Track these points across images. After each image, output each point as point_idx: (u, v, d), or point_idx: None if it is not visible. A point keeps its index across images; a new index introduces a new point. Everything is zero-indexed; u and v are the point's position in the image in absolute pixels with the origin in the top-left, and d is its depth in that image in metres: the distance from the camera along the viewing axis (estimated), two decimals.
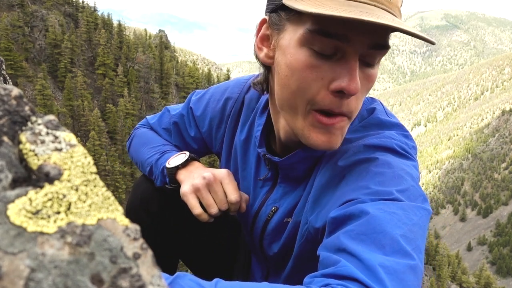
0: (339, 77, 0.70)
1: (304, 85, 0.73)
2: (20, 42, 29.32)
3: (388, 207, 0.67)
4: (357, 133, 0.86)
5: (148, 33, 58.55)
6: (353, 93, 0.70)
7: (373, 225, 0.64)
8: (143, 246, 0.29)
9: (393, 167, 0.75)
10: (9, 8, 30.36)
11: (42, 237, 0.26)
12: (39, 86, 25.90)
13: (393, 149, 0.80)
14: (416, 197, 0.72)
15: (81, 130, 27.68)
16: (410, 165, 0.79)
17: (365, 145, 0.81)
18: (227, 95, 1.10)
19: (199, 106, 1.14)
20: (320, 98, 0.72)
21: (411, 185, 0.73)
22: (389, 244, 0.62)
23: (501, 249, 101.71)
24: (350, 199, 0.72)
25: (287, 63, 0.75)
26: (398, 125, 0.89)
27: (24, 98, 0.32)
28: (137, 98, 33.01)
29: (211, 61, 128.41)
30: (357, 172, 0.77)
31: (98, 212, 0.29)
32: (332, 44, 0.69)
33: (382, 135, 0.83)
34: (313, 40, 0.70)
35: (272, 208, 0.97)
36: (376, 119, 0.89)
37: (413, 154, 0.84)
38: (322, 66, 0.71)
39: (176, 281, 0.49)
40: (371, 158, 0.78)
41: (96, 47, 33.49)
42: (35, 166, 0.29)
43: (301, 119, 0.76)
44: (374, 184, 0.72)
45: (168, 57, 42.18)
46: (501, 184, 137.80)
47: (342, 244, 0.64)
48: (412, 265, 0.61)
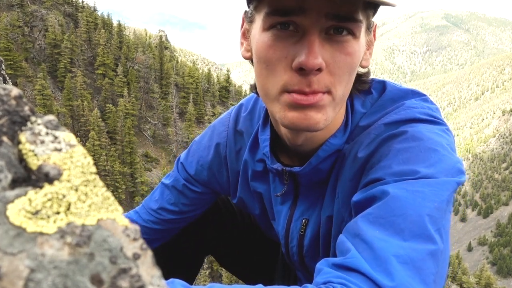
0: (298, 53, 0.68)
1: (271, 67, 0.71)
2: (20, 42, 29.30)
3: (412, 186, 0.64)
4: (374, 115, 0.82)
5: (148, 33, 58.57)
6: (312, 68, 0.66)
7: (392, 208, 0.61)
8: (143, 246, 0.29)
9: (420, 139, 0.71)
10: (9, 8, 30.35)
11: (42, 237, 0.26)
12: (38, 86, 25.89)
13: (417, 119, 0.75)
14: (448, 170, 0.67)
15: (80, 130, 27.67)
16: (439, 131, 0.74)
17: (385, 124, 0.77)
18: (216, 141, 1.07)
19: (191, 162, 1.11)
20: (288, 79, 0.70)
21: (442, 156, 0.68)
22: (408, 228, 0.59)
23: (501, 249, 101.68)
24: (372, 180, 0.69)
25: (255, 50, 0.74)
26: (414, 91, 0.84)
27: (24, 98, 0.32)
28: (137, 98, 32.99)
29: (211, 61, 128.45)
30: (380, 153, 0.73)
31: (98, 213, 0.29)
32: (290, 21, 0.68)
33: (402, 108, 0.78)
34: (272, 22, 0.69)
35: (302, 221, 0.92)
36: (390, 93, 0.84)
37: (440, 116, 0.78)
38: (284, 46, 0.69)
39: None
40: (394, 134, 0.73)
41: (96, 47, 33.47)
42: (35, 166, 0.29)
43: (276, 103, 0.73)
44: (398, 163, 0.68)
45: (168, 57, 42.18)
46: (502, 184, 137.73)
47: (359, 228, 0.62)
48: (432, 250, 0.58)
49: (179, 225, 1.17)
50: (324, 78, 0.70)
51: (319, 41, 0.68)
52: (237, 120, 1.04)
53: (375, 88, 0.85)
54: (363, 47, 0.74)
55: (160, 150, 32.61)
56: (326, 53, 0.69)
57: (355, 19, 0.68)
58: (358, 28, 0.70)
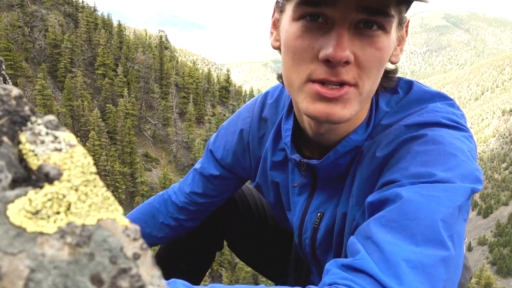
0: (326, 45, 0.67)
1: (297, 57, 0.71)
2: (20, 42, 29.30)
3: (427, 190, 0.63)
4: (397, 114, 0.80)
5: (148, 33, 58.56)
6: (339, 60, 0.65)
7: (405, 211, 0.61)
8: (143, 246, 0.28)
9: (440, 143, 0.69)
10: (9, 8, 30.34)
11: (42, 237, 0.26)
12: (38, 86, 25.88)
13: (440, 123, 0.73)
14: (466, 176, 0.66)
15: (81, 130, 27.66)
16: (461, 137, 0.72)
17: (406, 125, 0.75)
18: (240, 126, 1.09)
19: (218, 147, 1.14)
20: (314, 69, 0.70)
21: (461, 161, 0.67)
22: (421, 232, 0.58)
23: (501, 249, 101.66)
24: (388, 181, 0.69)
25: (283, 40, 0.74)
26: (440, 94, 0.82)
27: (24, 98, 0.32)
28: (137, 98, 32.99)
29: (211, 61, 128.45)
30: (399, 155, 0.72)
31: (98, 213, 0.29)
32: (320, 13, 0.67)
33: (425, 110, 0.76)
34: (302, 12, 0.69)
35: (318, 214, 0.91)
36: (415, 93, 0.82)
37: (464, 122, 0.77)
38: (313, 36, 0.69)
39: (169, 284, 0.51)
40: (414, 136, 0.72)
41: (96, 47, 33.46)
42: (35, 166, 0.29)
43: (301, 93, 0.73)
44: (416, 165, 0.67)
45: (168, 57, 42.17)
46: (502, 184, 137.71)
47: (370, 231, 0.62)
48: (444, 256, 0.57)
49: (209, 208, 1.21)
50: (352, 71, 0.69)
51: (348, 35, 0.67)
52: (263, 107, 1.05)
53: (402, 87, 0.84)
54: (393, 43, 0.73)
55: (160, 150, 32.60)
56: (355, 47, 0.68)
57: (387, 13, 0.67)
58: (389, 23, 0.68)
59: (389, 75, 0.82)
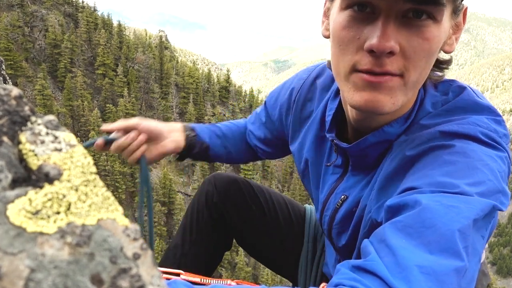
0: (371, 35, 0.67)
1: (343, 46, 0.71)
2: (20, 42, 29.30)
3: (447, 200, 0.61)
4: (438, 118, 0.78)
5: (148, 33, 58.57)
6: (383, 50, 0.65)
7: (423, 218, 0.59)
8: (143, 246, 0.29)
9: (470, 157, 0.67)
10: (9, 8, 30.34)
11: (42, 237, 0.26)
12: (38, 86, 25.89)
13: (476, 138, 0.71)
14: (491, 193, 0.64)
15: (81, 130, 27.65)
16: (494, 155, 0.69)
17: (441, 132, 0.73)
18: (293, 85, 1.12)
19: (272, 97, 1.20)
20: (359, 59, 0.69)
21: (488, 179, 0.65)
22: (436, 241, 0.57)
23: (501, 249, 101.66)
24: (410, 187, 0.67)
25: (331, 29, 0.74)
26: (490, 108, 0.78)
27: (24, 98, 0.32)
28: (137, 98, 32.99)
29: (211, 61, 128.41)
30: (426, 160, 0.70)
31: (98, 212, 0.29)
32: (367, 2, 0.66)
33: (466, 121, 0.74)
34: (350, 2, 0.68)
35: (342, 196, 0.92)
36: (463, 101, 0.79)
37: (504, 143, 0.74)
38: (359, 27, 0.69)
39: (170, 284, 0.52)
40: (446, 145, 0.70)
41: (96, 47, 33.46)
42: (35, 166, 0.29)
43: (346, 83, 0.73)
44: (441, 174, 0.65)
45: (168, 57, 42.16)
46: None
47: (385, 234, 0.61)
48: (458, 267, 0.56)
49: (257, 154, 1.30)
50: (397, 61, 0.68)
51: (394, 24, 0.66)
52: (320, 74, 1.06)
53: (453, 91, 0.82)
54: (445, 32, 0.71)
55: None
56: (401, 37, 0.66)
57: (437, 1, 0.65)
58: (440, 12, 0.66)
59: (442, 65, 0.81)
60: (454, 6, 0.70)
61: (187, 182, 31.72)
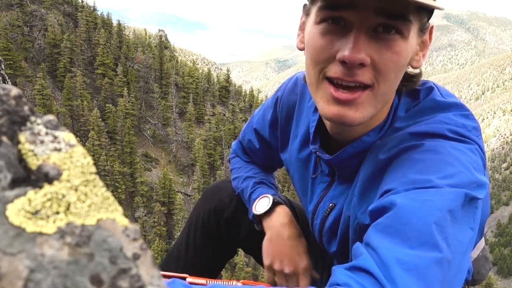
0: (343, 47, 0.70)
1: (316, 55, 0.74)
2: (19, 42, 29.23)
3: (421, 195, 0.64)
4: (409, 120, 0.83)
5: (148, 33, 58.56)
6: (354, 62, 0.68)
7: (399, 217, 0.63)
8: (143, 246, 0.28)
9: (439, 153, 0.71)
10: (8, 7, 30.27)
11: (41, 237, 0.26)
12: (38, 86, 25.82)
13: (444, 135, 0.74)
14: (464, 184, 0.66)
15: (80, 130, 27.60)
16: (464, 149, 0.73)
17: (411, 133, 0.77)
18: (277, 94, 1.15)
19: (258, 122, 1.24)
20: (331, 67, 0.73)
21: (459, 171, 0.68)
22: (415, 236, 0.61)
23: (502, 249, 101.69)
24: (387, 190, 0.70)
25: (306, 41, 0.78)
26: (457, 104, 0.82)
27: (23, 97, 0.32)
28: (137, 98, 32.93)
29: (211, 61, 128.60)
30: (398, 162, 0.74)
31: (98, 213, 0.28)
32: (340, 16, 0.70)
33: (434, 120, 0.78)
34: (323, 16, 0.72)
35: (330, 204, 0.97)
36: (431, 101, 0.83)
37: (473, 136, 0.77)
38: (332, 39, 0.72)
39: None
40: (416, 145, 0.74)
41: (96, 47, 33.38)
42: (34, 166, 0.29)
43: (318, 92, 0.76)
44: (413, 172, 0.69)
45: (168, 57, 42.10)
46: (502, 184, 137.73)
47: (369, 237, 0.65)
48: (438, 258, 0.59)
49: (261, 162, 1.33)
50: (368, 73, 0.71)
51: (365, 37, 0.69)
52: (298, 81, 1.10)
53: (423, 93, 0.86)
54: (412, 48, 0.75)
55: (160, 150, 32.55)
56: (372, 50, 0.70)
57: (405, 18, 0.69)
58: (407, 28, 0.71)
59: (413, 79, 0.84)
60: (420, 25, 0.75)
61: (187, 182, 31.67)
